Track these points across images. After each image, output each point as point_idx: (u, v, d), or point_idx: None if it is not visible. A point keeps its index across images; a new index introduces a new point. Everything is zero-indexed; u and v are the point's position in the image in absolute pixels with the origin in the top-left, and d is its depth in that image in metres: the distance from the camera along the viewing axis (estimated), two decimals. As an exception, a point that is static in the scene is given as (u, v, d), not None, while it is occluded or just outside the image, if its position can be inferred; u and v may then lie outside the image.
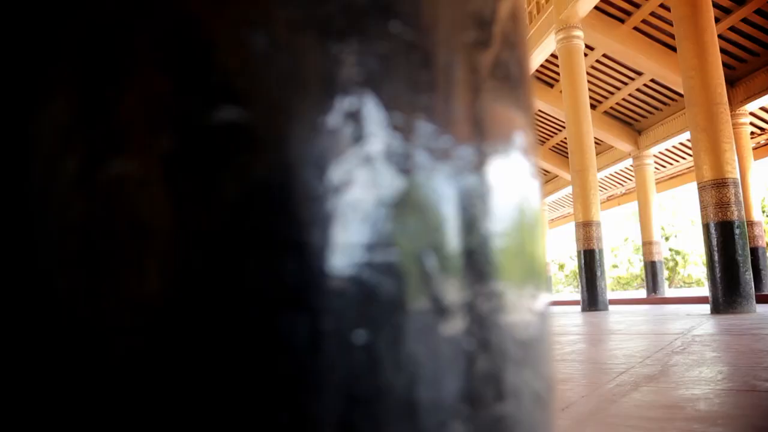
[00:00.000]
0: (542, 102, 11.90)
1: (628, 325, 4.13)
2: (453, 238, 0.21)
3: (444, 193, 0.21)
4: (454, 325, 0.20)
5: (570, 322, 5.17)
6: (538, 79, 11.90)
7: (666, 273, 39.90)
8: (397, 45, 0.21)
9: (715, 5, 8.09)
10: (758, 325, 3.51)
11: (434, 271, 0.20)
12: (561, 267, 45.14)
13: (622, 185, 15.50)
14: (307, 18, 0.19)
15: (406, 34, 0.21)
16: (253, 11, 0.19)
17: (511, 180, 0.24)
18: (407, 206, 0.20)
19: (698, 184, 5.65)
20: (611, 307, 9.19)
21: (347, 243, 0.18)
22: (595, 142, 13.19)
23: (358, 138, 0.19)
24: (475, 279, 0.21)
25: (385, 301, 0.19)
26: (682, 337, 2.90)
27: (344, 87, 0.19)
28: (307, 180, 0.19)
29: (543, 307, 0.25)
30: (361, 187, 0.19)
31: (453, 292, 0.20)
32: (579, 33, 8.28)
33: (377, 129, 0.19)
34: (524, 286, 0.23)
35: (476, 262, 0.21)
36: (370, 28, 0.20)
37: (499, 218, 0.22)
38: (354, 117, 0.19)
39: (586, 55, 10.10)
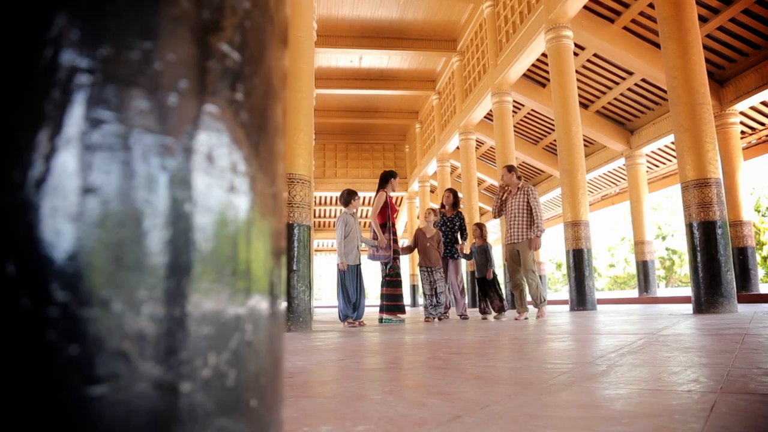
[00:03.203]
0: (534, 102, 11.88)
1: (604, 325, 4.13)
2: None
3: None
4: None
5: (550, 321, 5.18)
6: (531, 78, 11.88)
7: (663, 272, 39.82)
8: None
9: (703, 5, 8.07)
10: (729, 325, 3.52)
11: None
12: (558, 266, 44.98)
13: (616, 185, 15.49)
14: None
15: None
16: None
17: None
18: None
19: (681, 184, 5.65)
20: (600, 307, 9.18)
21: None
22: (588, 142, 13.17)
23: None
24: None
25: None
26: (648, 337, 2.90)
27: None
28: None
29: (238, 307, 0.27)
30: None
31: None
32: (568, 33, 8.27)
33: None
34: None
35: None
36: None
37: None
38: None
39: (576, 54, 10.07)
